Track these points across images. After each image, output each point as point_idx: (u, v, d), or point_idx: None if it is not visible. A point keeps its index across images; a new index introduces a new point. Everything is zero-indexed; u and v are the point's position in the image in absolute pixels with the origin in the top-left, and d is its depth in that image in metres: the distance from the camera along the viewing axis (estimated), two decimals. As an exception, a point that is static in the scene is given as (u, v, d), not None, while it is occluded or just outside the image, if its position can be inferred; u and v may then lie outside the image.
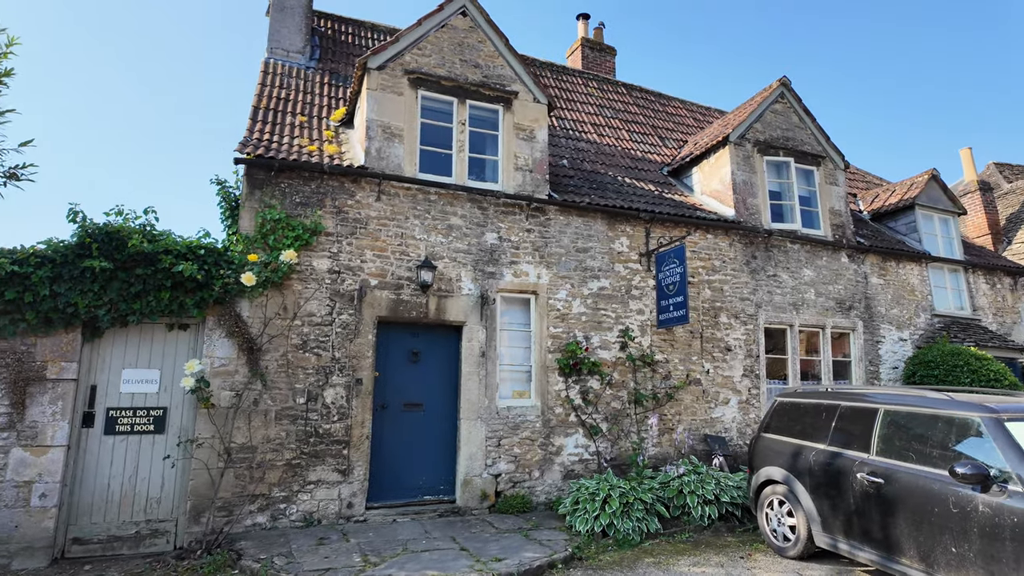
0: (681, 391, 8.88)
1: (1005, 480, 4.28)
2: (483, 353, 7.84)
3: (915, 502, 4.81)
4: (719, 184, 10.31)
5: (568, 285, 8.50)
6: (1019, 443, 4.39)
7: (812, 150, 10.85)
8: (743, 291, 9.64)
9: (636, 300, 8.90)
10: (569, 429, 8.13)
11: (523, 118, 8.73)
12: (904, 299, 11.07)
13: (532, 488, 7.77)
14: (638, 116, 13.59)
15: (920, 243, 11.71)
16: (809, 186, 10.80)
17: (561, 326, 8.35)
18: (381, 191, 7.70)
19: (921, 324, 11.07)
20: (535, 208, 8.54)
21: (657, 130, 13.29)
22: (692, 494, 7.15)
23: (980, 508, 4.34)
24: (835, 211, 10.80)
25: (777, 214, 10.37)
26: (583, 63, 15.69)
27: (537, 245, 8.44)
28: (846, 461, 5.57)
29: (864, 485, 5.28)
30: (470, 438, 7.60)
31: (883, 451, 5.31)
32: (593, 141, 11.68)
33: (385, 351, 7.59)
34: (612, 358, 8.55)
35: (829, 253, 10.55)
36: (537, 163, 8.65)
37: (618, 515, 6.61)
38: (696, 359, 9.10)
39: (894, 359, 10.58)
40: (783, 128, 10.79)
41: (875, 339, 10.54)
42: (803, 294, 10.08)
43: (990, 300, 12.30)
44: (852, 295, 10.54)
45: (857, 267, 10.74)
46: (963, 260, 12.07)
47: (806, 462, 6.03)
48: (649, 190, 10.29)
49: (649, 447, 8.52)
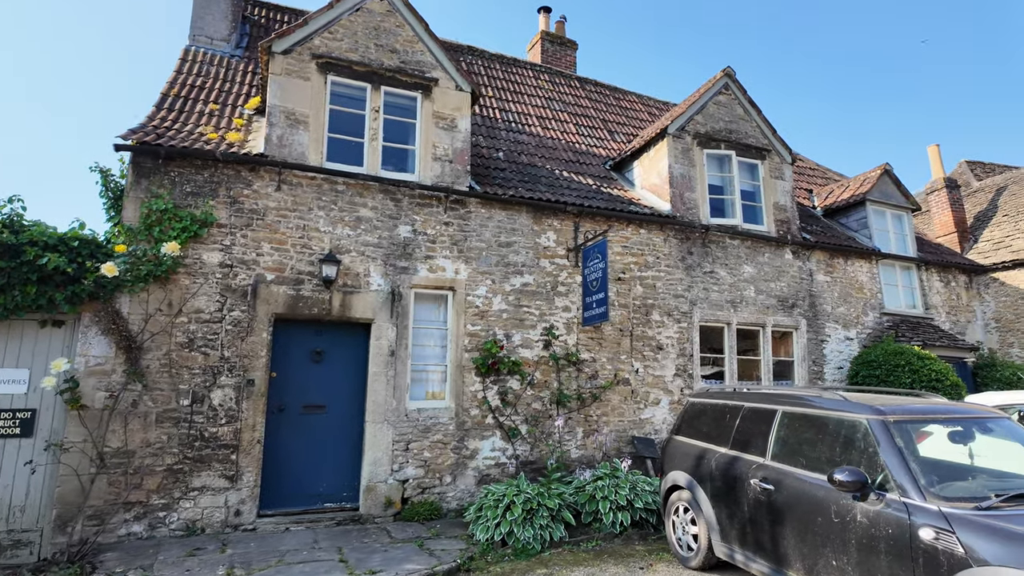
0: (608, 391, 8.51)
1: (884, 488, 3.93)
2: (392, 352, 7.44)
3: (802, 511, 4.46)
4: (657, 178, 9.96)
5: (489, 281, 8.12)
6: (901, 448, 4.04)
7: (757, 143, 10.52)
8: (677, 288, 9.28)
9: (563, 297, 8.53)
10: (486, 432, 7.74)
11: (443, 106, 8.34)
12: (852, 297, 10.74)
13: (443, 494, 7.38)
14: (589, 110, 13.24)
15: (871, 239, 11.39)
16: (753, 180, 10.46)
17: (480, 324, 7.96)
18: (282, 180, 7.30)
19: (869, 323, 10.75)
20: (454, 200, 8.15)
21: (607, 124, 12.94)
22: (605, 499, 6.78)
23: (858, 518, 3.99)
24: (780, 206, 10.46)
25: (717, 209, 10.02)
26: (543, 57, 15.34)
27: (456, 239, 8.05)
28: (743, 466, 5.22)
29: (757, 492, 4.93)
30: (375, 442, 7.20)
31: (777, 455, 4.96)
32: (536, 134, 11.31)
33: (284, 350, 7.18)
34: (535, 357, 8.17)
35: (772, 249, 10.20)
36: (458, 153, 8.27)
37: (519, 523, 6.23)
38: (625, 358, 8.73)
39: (839, 359, 10.25)
40: (726, 120, 10.45)
41: (819, 338, 10.21)
42: (742, 291, 9.73)
43: (944, 298, 12.01)
44: (796, 293, 10.20)
45: (802, 264, 10.41)
46: (916, 257, 11.76)
47: (708, 467, 5.68)
48: (587, 184, 9.93)
49: (572, 450, 8.15)
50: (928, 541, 3.52)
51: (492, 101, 11.81)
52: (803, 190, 13.32)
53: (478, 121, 10.81)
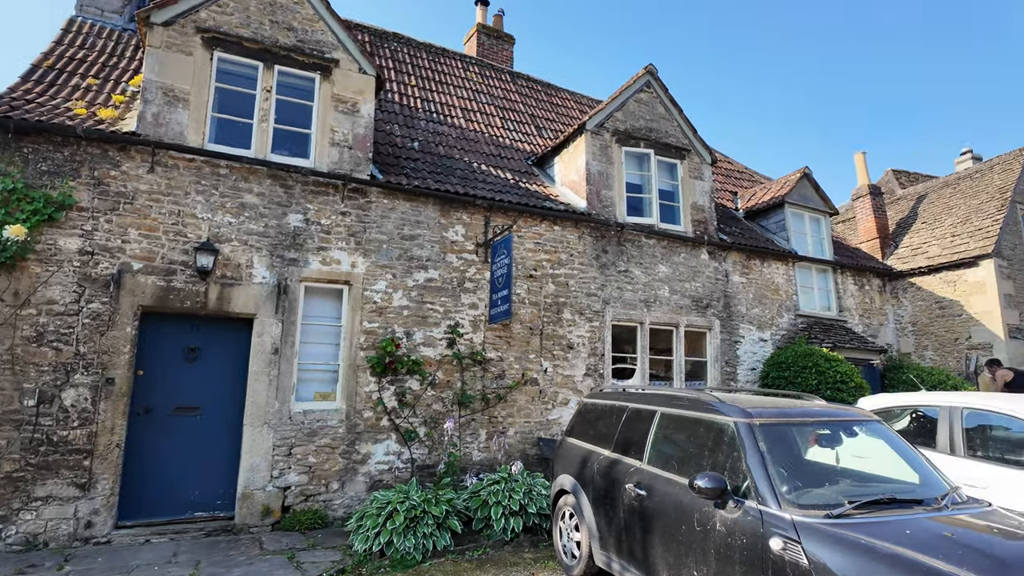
0: (515, 391, 8.23)
1: (745, 495, 3.73)
2: (277, 350, 6.95)
3: (669, 518, 4.24)
4: (575, 175, 9.75)
5: (389, 275, 7.71)
6: (764, 452, 3.85)
7: (676, 143, 10.45)
8: (591, 286, 9.09)
9: (470, 294, 8.20)
10: (380, 435, 7.33)
11: (344, 89, 7.88)
12: (767, 298, 10.81)
13: (329, 502, 6.93)
14: (518, 104, 12.97)
15: (789, 242, 11.51)
16: (672, 180, 10.39)
17: (378, 320, 7.55)
18: (156, 162, 6.70)
19: (784, 324, 10.84)
20: (354, 189, 7.71)
21: (536, 120, 12.70)
22: (497, 505, 6.48)
23: (717, 526, 3.78)
24: (698, 206, 10.42)
25: (635, 207, 9.89)
26: (479, 50, 14.99)
27: (354, 230, 7.61)
28: (622, 470, 4.99)
29: (632, 497, 4.70)
30: (254, 446, 6.69)
31: (652, 459, 4.75)
32: (458, 126, 10.95)
33: (153, 347, 6.59)
34: (437, 356, 7.81)
35: (688, 249, 10.15)
36: (359, 139, 7.83)
37: (400, 531, 5.85)
38: (535, 357, 8.47)
39: (753, 360, 10.29)
40: (647, 119, 10.34)
41: (733, 339, 10.21)
42: (656, 291, 9.62)
43: (858, 301, 12.26)
44: (711, 293, 10.18)
45: (718, 264, 10.39)
46: (832, 260, 11.97)
47: (591, 470, 5.44)
48: (505, 179, 9.63)
49: (474, 452, 7.82)
50: (777, 552, 3.33)
51: (415, 90, 11.39)
52: (728, 192, 13.40)
53: (396, 110, 10.38)
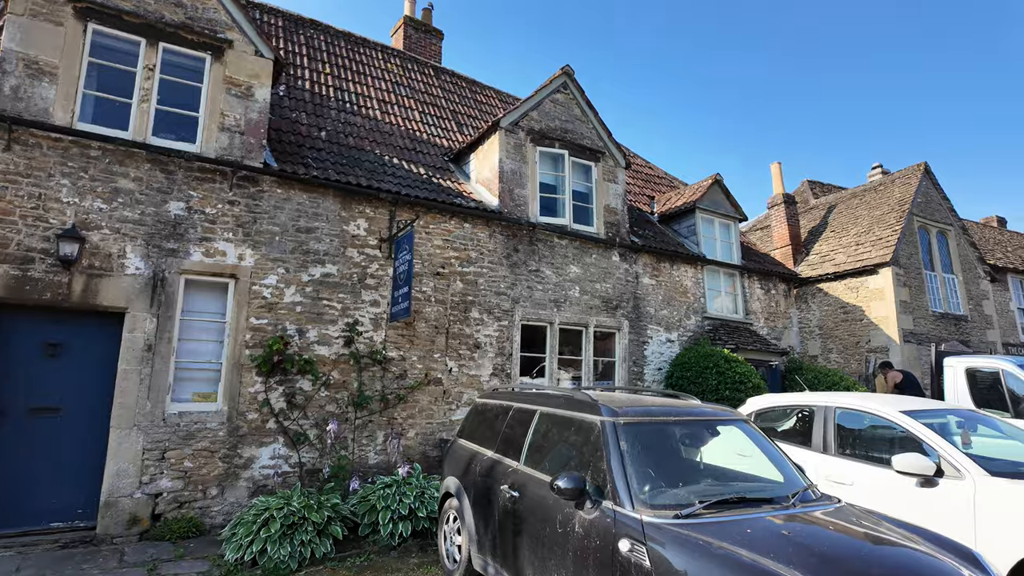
0: (418, 392, 8.02)
1: (605, 494, 3.68)
2: (151, 347, 6.46)
3: (536, 519, 4.16)
4: (489, 172, 9.64)
5: (282, 269, 7.34)
6: (624, 451, 3.83)
7: (592, 145, 10.52)
8: (500, 285, 9.00)
9: (372, 290, 7.93)
10: (266, 438, 6.95)
11: (239, 72, 7.46)
12: (676, 300, 11.05)
13: (206, 509, 6.51)
14: (440, 100, 12.75)
15: (699, 246, 11.82)
16: (587, 182, 10.45)
17: (267, 317, 7.17)
18: (13, 139, 6.10)
19: (691, 326, 11.11)
20: (244, 177, 7.29)
21: (457, 116, 12.52)
22: (386, 509, 6.26)
23: (576, 528, 3.73)
24: (611, 209, 10.53)
25: (548, 207, 9.88)
26: (405, 44, 14.66)
27: (243, 220, 7.20)
28: (501, 471, 4.89)
29: (506, 499, 4.60)
30: (121, 450, 6.20)
31: (528, 459, 4.67)
32: (372, 117, 10.63)
33: (5, 342, 5.99)
34: (333, 355, 7.50)
35: (600, 251, 10.23)
36: (252, 125, 7.42)
37: (275, 539, 5.54)
38: (439, 357, 8.29)
39: (660, 360, 10.48)
40: (563, 120, 10.36)
41: (641, 339, 10.37)
42: (567, 291, 9.65)
43: (764, 305, 12.74)
44: (621, 294, 10.30)
45: (629, 266, 10.54)
46: (740, 265, 12.38)
47: (474, 472, 5.32)
48: (417, 173, 9.40)
49: (370, 455, 7.56)
50: (624, 553, 3.29)
51: (329, 79, 10.98)
52: (647, 196, 13.65)
53: (306, 98, 9.96)
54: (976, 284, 17.87)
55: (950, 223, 17.64)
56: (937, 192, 17.89)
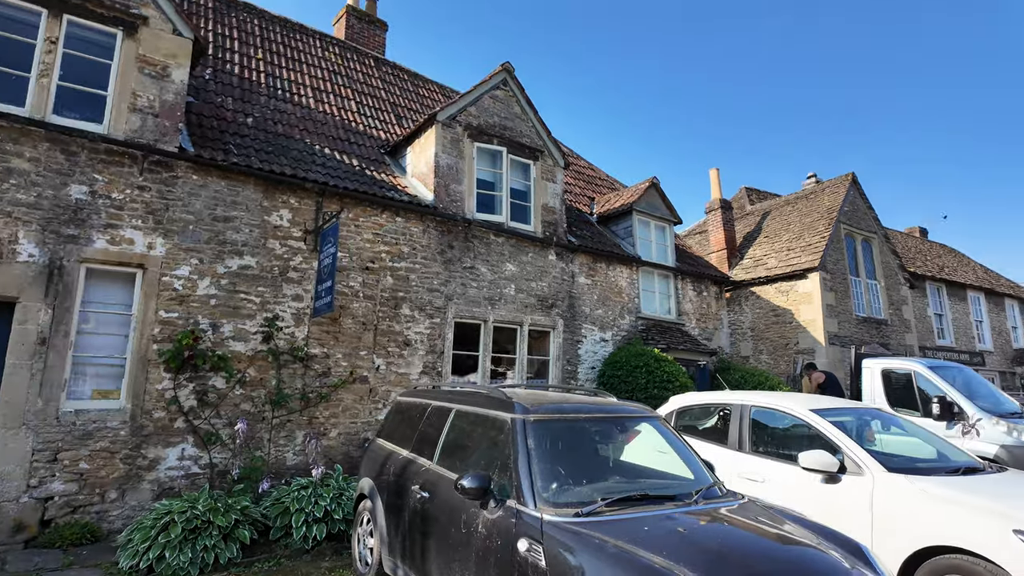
0: (342, 390, 7.77)
1: (507, 494, 3.60)
2: (44, 340, 5.99)
3: (444, 520, 4.05)
4: (425, 166, 9.46)
5: (195, 260, 6.96)
6: (531, 449, 3.76)
7: (531, 143, 10.50)
8: (433, 282, 8.84)
9: (295, 284, 7.63)
10: (174, 438, 6.57)
11: (154, 51, 7.03)
12: (611, 300, 11.16)
13: (104, 513, 6.09)
14: (380, 91, 12.46)
15: (635, 247, 11.98)
16: (525, 180, 10.41)
17: (178, 310, 6.78)
18: None
19: (625, 325, 11.25)
20: (157, 162, 6.88)
21: (397, 108, 12.26)
22: (300, 512, 6.01)
23: (479, 528, 3.63)
24: (549, 208, 10.53)
25: (485, 204, 9.78)
26: (347, 33, 14.26)
27: (154, 207, 6.78)
28: (413, 471, 4.75)
29: (416, 499, 4.47)
30: (6, 451, 5.71)
31: (441, 459, 4.56)
32: (305, 106, 10.26)
33: None
34: (250, 351, 7.17)
35: (537, 249, 10.21)
36: (168, 107, 7.01)
37: (174, 544, 5.22)
38: (366, 354, 8.06)
39: (593, 359, 10.56)
40: (502, 116, 10.29)
41: (576, 338, 10.42)
42: (502, 289, 9.58)
43: (696, 306, 13.03)
44: (556, 293, 10.32)
45: (565, 266, 10.57)
46: (674, 267, 12.62)
47: (388, 472, 5.16)
48: (349, 164, 9.12)
49: (289, 456, 7.27)
50: (523, 553, 3.22)
51: (261, 64, 10.54)
52: (587, 197, 13.75)
53: (234, 82, 9.51)
54: (897, 290, 18.86)
55: (874, 231, 18.55)
56: (863, 202, 18.78)
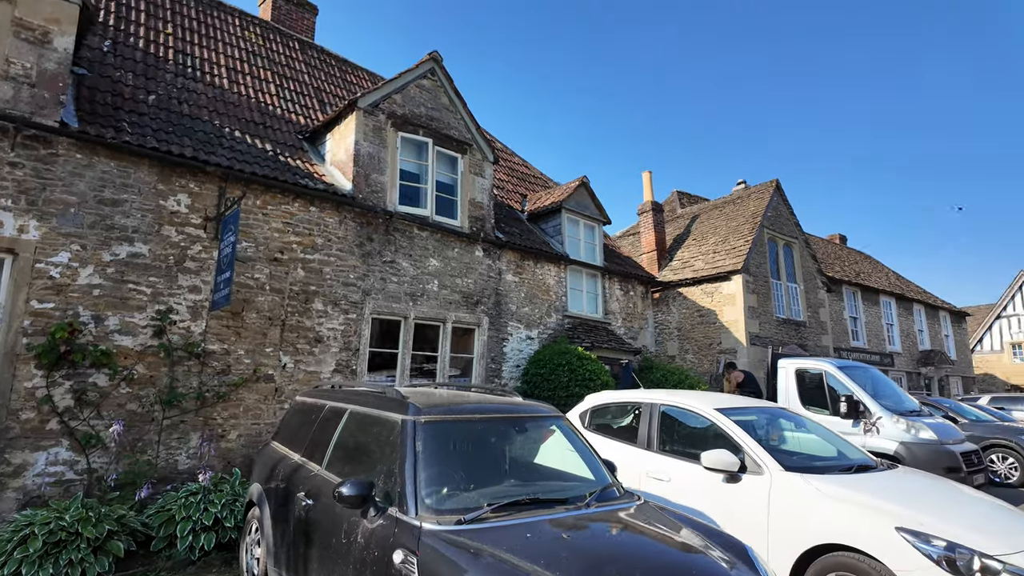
0: (243, 389, 7.29)
1: (391, 500, 3.36)
2: None
3: (326, 530, 3.76)
4: (344, 154, 9.05)
5: (76, 246, 6.34)
6: (419, 452, 3.53)
7: (459, 136, 10.25)
8: (350, 275, 8.46)
9: (192, 275, 7.09)
10: (45, 440, 5.95)
11: (32, 13, 6.34)
12: (538, 298, 11.07)
13: (-45, 526, 5.43)
14: (304, 75, 11.89)
15: (563, 245, 11.95)
16: (452, 173, 10.16)
17: (54, 300, 6.15)
18: None
19: (552, 324, 11.19)
20: (33, 137, 6.21)
21: (322, 93, 11.73)
22: (187, 520, 5.55)
23: (358, 538, 3.38)
24: (477, 203, 10.32)
25: (409, 197, 9.47)
26: (274, 15, 13.54)
27: (28, 187, 6.12)
28: (302, 476, 4.43)
29: (301, 507, 4.16)
30: None
31: (331, 463, 4.26)
32: (218, 86, 9.62)
33: None
34: (139, 346, 6.60)
35: (463, 245, 9.99)
36: (48, 77, 6.34)
37: (33, 560, 4.69)
38: (272, 351, 7.61)
39: (519, 357, 10.44)
40: (429, 107, 9.99)
41: (501, 336, 10.27)
42: (425, 284, 9.30)
43: (622, 305, 13.15)
44: (482, 290, 10.13)
45: (492, 262, 10.39)
46: (601, 266, 12.68)
47: (277, 477, 4.81)
48: (261, 149, 8.60)
49: (182, 460, 6.75)
50: (397, 565, 2.99)
51: (170, 39, 9.81)
52: (519, 194, 13.64)
53: (137, 57, 8.80)
54: (815, 293, 19.73)
55: (795, 236, 19.34)
56: (786, 208, 19.55)
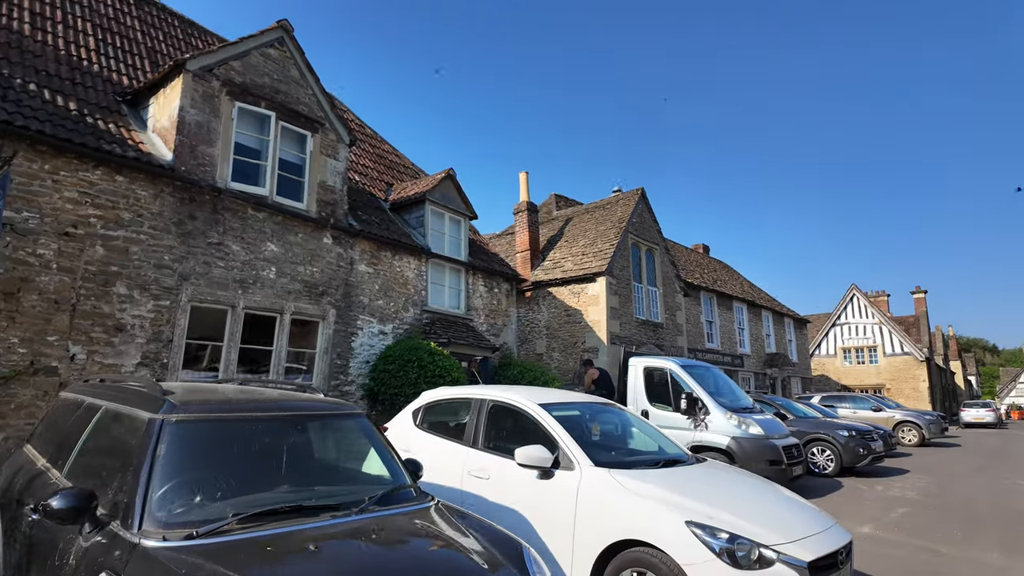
0: (16, 383, 6.16)
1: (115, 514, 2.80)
2: None
3: (45, 549, 3.10)
4: (167, 121, 8.04)
5: None
6: (159, 454, 3.00)
7: (309, 113, 9.52)
8: (164, 257, 7.50)
9: (-52, 246, 5.88)
10: None
11: None
12: (395, 291, 10.60)
13: None
14: (136, 33, 10.51)
15: (426, 238, 11.57)
16: (300, 152, 9.41)
17: None
18: None
19: (409, 318, 10.76)
20: None
21: (156, 55, 10.43)
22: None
23: (70, 560, 2.78)
24: (328, 186, 9.65)
25: (246, 174, 8.62)
26: (110, -38, 11.84)
27: None
28: (39, 484, 3.69)
29: (27, 522, 3.43)
30: None
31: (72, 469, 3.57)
32: (16, 31, 8.16)
33: None
34: None
35: (310, 231, 9.28)
36: None
37: None
38: (58, 340, 6.52)
39: (369, 353, 9.90)
40: (275, 78, 9.18)
41: (350, 330, 9.68)
42: (260, 271, 8.50)
43: (486, 302, 13.02)
44: (330, 280, 9.48)
45: (343, 251, 9.77)
46: (466, 261, 12.45)
47: (16, 485, 4.02)
48: (64, 108, 7.36)
49: (-82, 469, 5.55)
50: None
51: (-49, -31, 8.21)
52: (385, 183, 13.05)
53: None
54: (673, 297, 20.91)
55: (657, 243, 20.37)
56: (650, 215, 20.54)
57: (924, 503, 8.80)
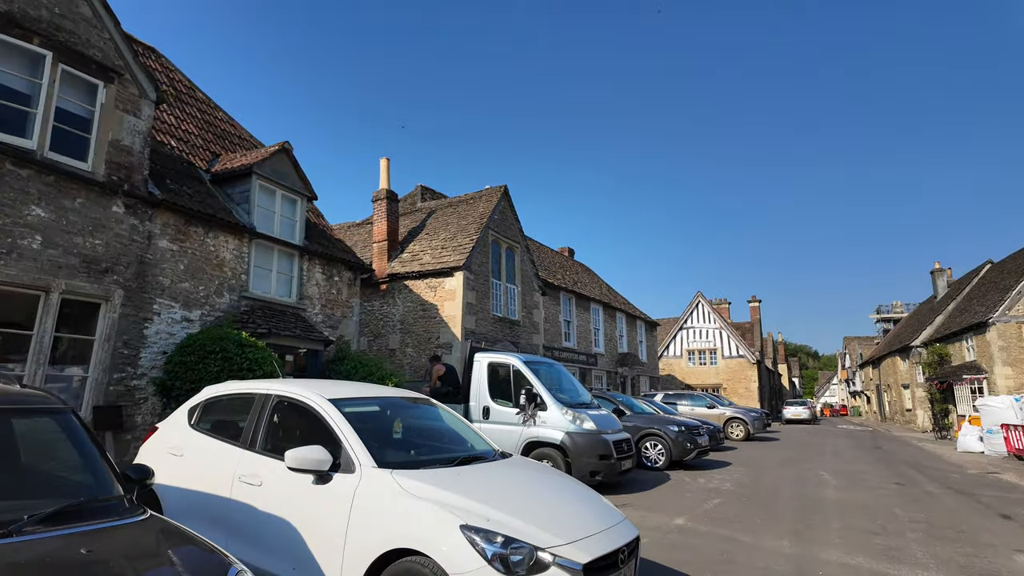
0: None
1: None
2: None
3: None
4: None
5: None
6: None
7: (103, 60, 8.09)
8: None
9: None
10: None
11: None
12: (207, 273, 9.37)
13: None
14: None
15: (250, 215, 10.40)
16: (88, 104, 7.96)
17: None
18: None
19: (223, 305, 9.58)
20: None
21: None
22: None
23: None
24: (124, 147, 8.26)
25: (8, 122, 7.08)
26: None
27: None
28: None
29: None
30: None
31: None
32: None
33: None
34: None
35: (95, 196, 7.87)
36: None
37: None
38: None
39: (167, 342, 8.63)
40: (56, 12, 7.67)
41: (143, 316, 8.37)
42: (19, 239, 7.02)
43: (323, 291, 12.06)
44: (118, 256, 8.11)
45: (139, 223, 8.43)
46: (301, 245, 11.41)
47: None
48: None
49: None
50: None
51: None
52: (212, 153, 11.62)
53: None
54: (531, 295, 21.09)
55: (518, 241, 20.43)
56: (512, 213, 20.55)
57: (737, 493, 9.37)
